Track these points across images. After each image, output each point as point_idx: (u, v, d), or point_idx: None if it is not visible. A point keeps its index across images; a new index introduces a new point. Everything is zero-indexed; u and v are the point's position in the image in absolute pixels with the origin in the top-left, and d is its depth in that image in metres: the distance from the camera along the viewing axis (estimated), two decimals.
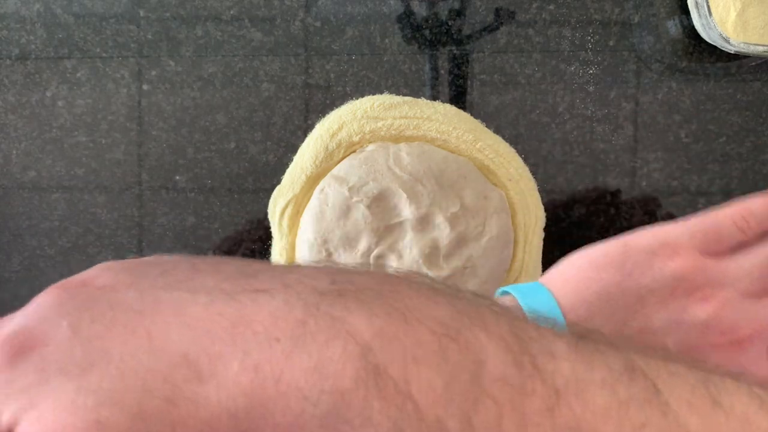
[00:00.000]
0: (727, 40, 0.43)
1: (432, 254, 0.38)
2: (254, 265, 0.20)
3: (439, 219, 0.37)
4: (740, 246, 0.28)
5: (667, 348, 0.22)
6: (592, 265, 0.27)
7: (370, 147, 0.40)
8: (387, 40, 0.46)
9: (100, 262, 0.48)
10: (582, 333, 0.19)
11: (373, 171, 0.38)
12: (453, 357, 0.17)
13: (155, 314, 0.18)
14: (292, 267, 0.20)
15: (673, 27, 0.46)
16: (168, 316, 0.17)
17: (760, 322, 0.26)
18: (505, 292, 0.27)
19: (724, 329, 0.25)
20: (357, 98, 0.43)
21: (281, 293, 0.17)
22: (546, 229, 0.43)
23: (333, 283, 0.18)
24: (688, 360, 0.19)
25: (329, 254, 0.40)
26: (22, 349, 0.19)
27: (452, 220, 0.38)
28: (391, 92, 0.44)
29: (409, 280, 0.19)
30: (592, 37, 0.46)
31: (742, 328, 0.26)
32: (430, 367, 0.16)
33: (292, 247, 0.43)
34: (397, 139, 0.40)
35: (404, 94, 0.43)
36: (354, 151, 0.41)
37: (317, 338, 0.16)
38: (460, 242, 0.38)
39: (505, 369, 0.17)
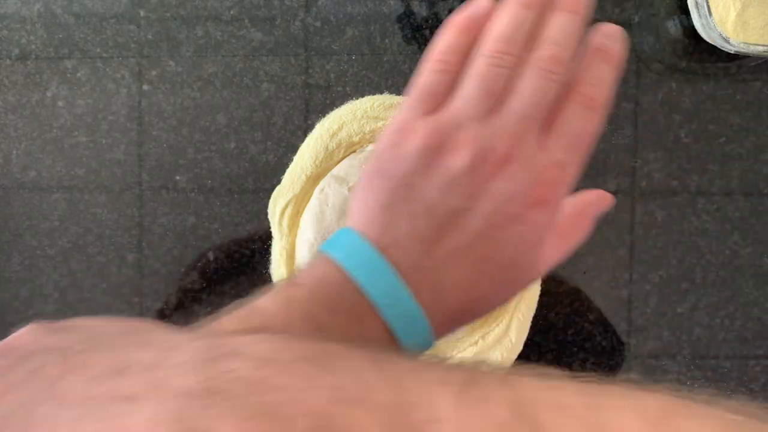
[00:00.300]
0: (727, 40, 0.43)
1: None
2: (128, 351, 0.19)
3: None
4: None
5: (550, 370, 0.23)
6: (365, 185, 0.27)
7: (371, 147, 0.40)
8: (387, 40, 0.46)
9: (99, 262, 0.48)
10: (467, 374, 0.20)
11: None
12: None
13: None
14: (168, 350, 0.19)
15: (673, 27, 0.46)
16: None
17: (509, 130, 0.26)
18: (322, 251, 0.27)
19: (486, 158, 0.26)
20: (357, 98, 0.43)
21: (149, 401, 0.17)
22: None
23: (205, 376, 0.17)
24: (573, 378, 0.20)
25: None
26: None
27: None
28: (391, 92, 0.44)
29: (285, 354, 0.19)
30: None
31: (498, 147, 0.26)
32: None
33: (292, 247, 0.43)
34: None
35: (404, 94, 0.43)
36: (354, 151, 0.41)
37: None
38: None
39: None
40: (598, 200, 0.32)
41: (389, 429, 0.17)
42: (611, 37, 0.29)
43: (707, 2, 0.43)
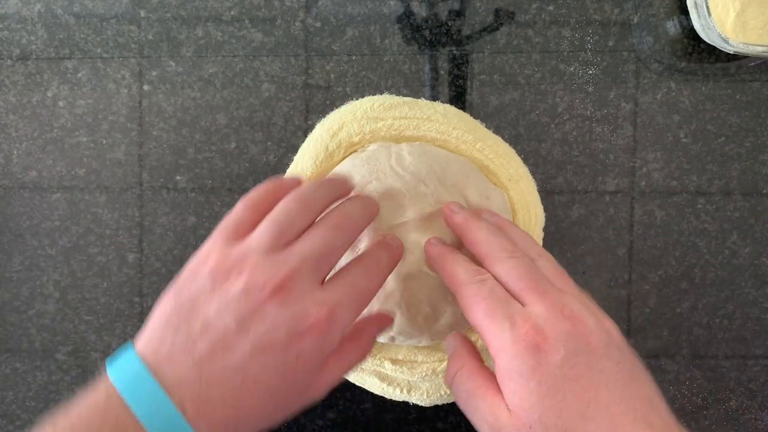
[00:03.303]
0: (726, 41, 0.43)
1: None
2: None
3: (443, 219, 0.37)
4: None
5: None
6: (160, 301, 0.30)
7: (372, 147, 0.40)
8: (387, 41, 0.46)
9: (100, 262, 0.48)
10: None
11: (376, 170, 0.38)
12: None
13: None
14: None
15: (672, 27, 0.46)
16: None
17: (290, 264, 0.29)
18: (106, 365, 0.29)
19: (262, 284, 0.29)
20: (357, 98, 0.43)
21: None
22: (546, 229, 0.43)
23: None
24: None
25: None
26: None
27: None
28: (391, 92, 0.44)
29: None
30: (591, 38, 0.46)
31: (276, 276, 0.29)
32: None
33: None
34: (397, 139, 0.40)
35: (404, 95, 0.44)
36: (354, 151, 0.41)
37: None
38: (462, 243, 0.38)
39: None
40: (378, 320, 0.36)
41: None
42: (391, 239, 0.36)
43: (706, 3, 0.43)
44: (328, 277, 0.32)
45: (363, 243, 0.38)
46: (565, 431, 0.27)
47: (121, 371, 0.28)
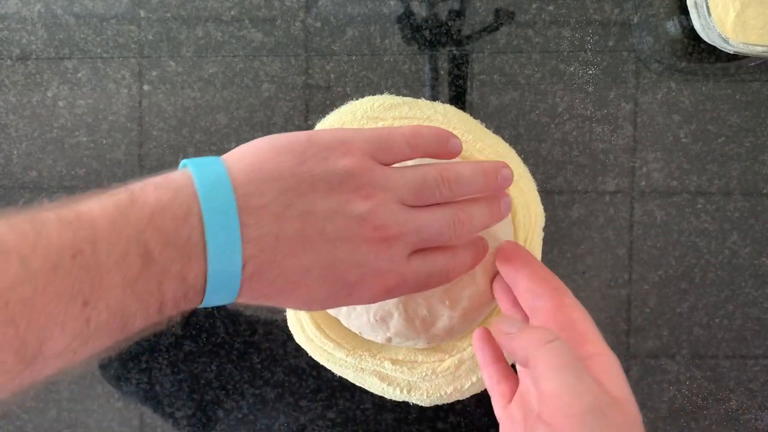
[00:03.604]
0: (726, 41, 0.43)
1: None
2: None
3: None
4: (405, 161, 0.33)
5: None
6: (273, 148, 0.29)
7: None
8: (387, 41, 0.46)
9: None
10: None
11: None
12: None
13: None
14: None
15: (672, 27, 0.46)
16: None
17: (407, 227, 0.30)
18: (185, 165, 0.28)
19: (377, 225, 0.29)
20: (357, 98, 0.43)
21: None
22: (546, 229, 0.43)
23: None
24: None
25: None
26: None
27: None
28: (391, 92, 0.44)
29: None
30: (591, 38, 0.46)
31: (390, 227, 0.30)
32: None
33: None
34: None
35: (404, 95, 0.44)
36: None
37: None
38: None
39: None
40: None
41: None
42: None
43: (706, 3, 0.43)
44: None
45: None
46: None
47: (211, 194, 0.27)
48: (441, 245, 0.33)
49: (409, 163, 0.33)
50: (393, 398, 0.42)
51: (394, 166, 0.32)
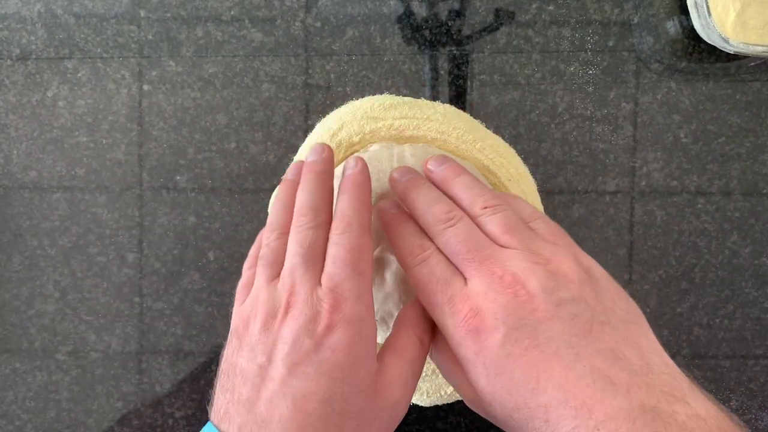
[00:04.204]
0: (726, 41, 0.43)
1: None
2: None
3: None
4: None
5: None
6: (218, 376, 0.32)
7: (374, 147, 0.40)
8: (387, 41, 0.46)
9: (100, 262, 0.48)
10: None
11: (377, 171, 0.38)
12: None
13: None
14: None
15: (672, 27, 0.46)
16: None
17: (287, 284, 0.31)
18: None
19: (274, 315, 0.30)
20: (357, 98, 0.43)
21: None
22: None
23: None
24: None
25: None
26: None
27: None
28: (391, 92, 0.44)
29: None
30: (591, 38, 0.46)
31: (281, 298, 0.30)
32: None
33: None
34: (397, 139, 0.40)
35: (404, 95, 0.44)
36: (355, 152, 0.41)
37: None
38: None
39: None
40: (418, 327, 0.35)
41: None
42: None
43: (707, 3, 0.43)
44: None
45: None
46: (518, 407, 0.27)
47: None
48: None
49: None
50: None
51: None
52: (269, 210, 0.36)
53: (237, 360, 0.30)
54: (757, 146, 0.46)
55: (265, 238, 0.33)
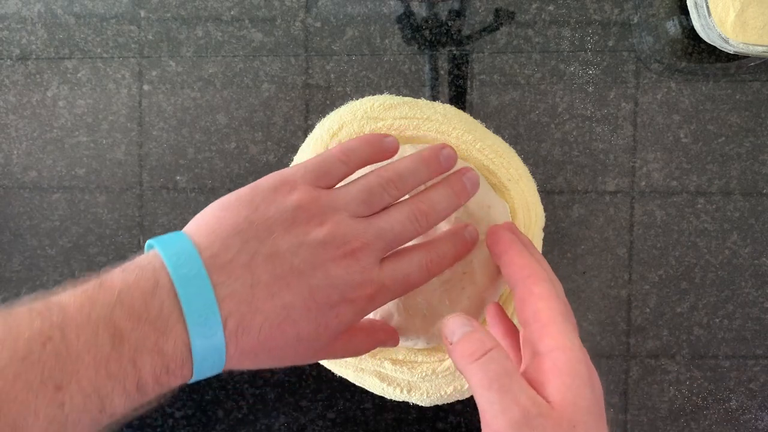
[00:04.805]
0: (726, 41, 0.43)
1: None
2: None
3: (442, 223, 0.37)
4: (345, 177, 0.34)
5: None
6: (223, 206, 0.30)
7: None
8: (387, 41, 0.46)
9: (100, 262, 0.48)
10: None
11: None
12: None
13: None
14: None
15: (672, 27, 0.46)
16: None
17: (367, 236, 0.31)
18: (151, 246, 0.29)
19: (338, 244, 0.30)
20: (357, 98, 0.43)
21: None
22: (546, 229, 0.43)
23: None
24: None
25: None
26: None
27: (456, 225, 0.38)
28: (391, 92, 0.44)
29: None
30: (591, 38, 0.46)
31: (351, 242, 0.30)
32: None
33: None
34: (397, 139, 0.40)
35: (404, 95, 0.44)
36: None
37: None
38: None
39: None
40: (389, 333, 0.37)
41: None
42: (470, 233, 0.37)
43: (707, 3, 0.43)
44: None
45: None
46: None
47: (178, 263, 0.28)
48: (417, 243, 0.34)
49: (360, 172, 0.34)
50: (393, 398, 0.42)
51: (339, 185, 0.33)
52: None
53: (278, 235, 0.29)
54: (757, 146, 0.46)
55: (391, 176, 0.33)
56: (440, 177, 0.36)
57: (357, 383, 0.42)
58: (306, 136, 0.43)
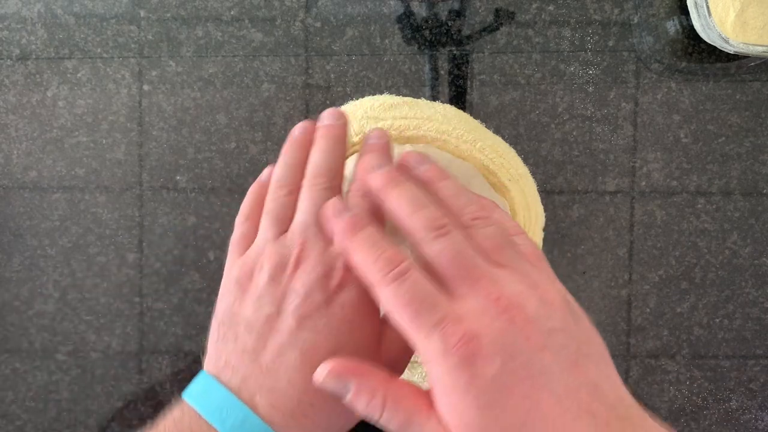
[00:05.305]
0: (726, 41, 0.43)
1: None
2: None
3: None
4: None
5: None
6: (211, 329, 0.32)
7: None
8: (387, 41, 0.46)
9: (100, 262, 0.48)
10: None
11: None
12: None
13: None
14: None
15: (672, 27, 0.46)
16: None
17: (297, 239, 0.31)
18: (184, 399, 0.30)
19: (284, 266, 0.30)
20: (357, 98, 0.43)
21: None
22: (546, 229, 0.43)
23: None
24: None
25: None
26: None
27: None
28: (391, 92, 0.44)
29: None
30: (591, 38, 0.46)
31: (291, 252, 0.31)
32: None
33: None
34: (397, 139, 0.40)
35: (404, 95, 0.44)
36: (355, 152, 0.41)
37: None
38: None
39: None
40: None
41: None
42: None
43: (707, 3, 0.43)
44: None
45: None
46: None
47: (192, 389, 0.29)
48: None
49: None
50: None
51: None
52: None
53: (239, 310, 0.30)
54: (757, 146, 0.46)
55: (273, 192, 0.33)
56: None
57: None
58: None
